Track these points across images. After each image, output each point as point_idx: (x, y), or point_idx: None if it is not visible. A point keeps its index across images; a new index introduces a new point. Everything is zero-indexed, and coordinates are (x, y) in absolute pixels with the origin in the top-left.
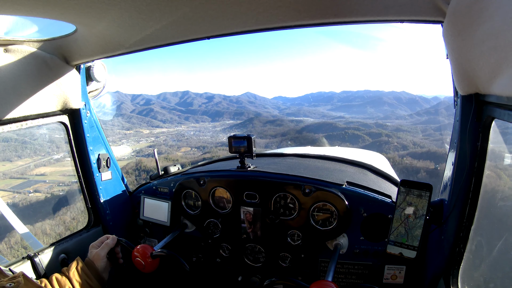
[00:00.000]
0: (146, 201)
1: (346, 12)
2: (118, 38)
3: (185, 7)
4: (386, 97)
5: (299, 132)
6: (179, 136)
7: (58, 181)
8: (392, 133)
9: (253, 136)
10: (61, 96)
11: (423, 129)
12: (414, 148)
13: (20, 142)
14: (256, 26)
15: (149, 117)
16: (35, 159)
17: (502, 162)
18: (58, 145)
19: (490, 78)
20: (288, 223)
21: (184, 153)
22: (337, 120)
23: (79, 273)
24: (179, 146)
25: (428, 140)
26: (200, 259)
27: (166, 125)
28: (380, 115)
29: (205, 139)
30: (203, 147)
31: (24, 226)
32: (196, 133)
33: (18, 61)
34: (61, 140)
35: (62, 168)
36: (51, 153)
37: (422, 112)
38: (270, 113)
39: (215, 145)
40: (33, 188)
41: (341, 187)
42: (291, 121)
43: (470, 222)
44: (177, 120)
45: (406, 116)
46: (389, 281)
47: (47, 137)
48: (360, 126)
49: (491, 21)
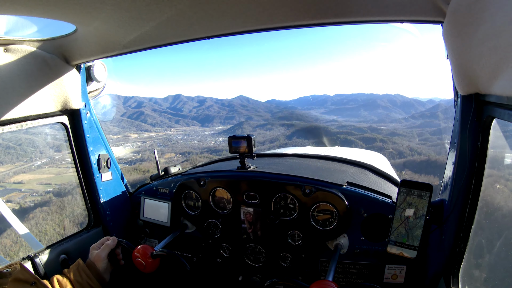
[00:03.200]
0: (146, 201)
1: (346, 12)
2: (118, 38)
3: (185, 7)
4: (381, 100)
5: (289, 137)
6: (166, 141)
7: (33, 190)
8: (387, 137)
9: (253, 136)
10: (61, 96)
11: (419, 133)
12: (412, 156)
13: (4, 147)
14: (256, 26)
15: (139, 121)
16: (16, 165)
17: (503, 162)
18: (42, 151)
19: (490, 78)
20: (289, 223)
21: (167, 159)
22: (330, 124)
23: (80, 274)
24: (163, 152)
25: (425, 145)
26: (201, 259)
27: (156, 129)
28: (374, 118)
29: (192, 143)
30: (188, 153)
31: (24, 226)
32: (185, 137)
33: (18, 61)
34: (45, 146)
35: (42, 175)
36: (33, 159)
37: (418, 115)
38: (262, 117)
39: (200, 151)
40: (6, 198)
41: (342, 187)
42: (282, 125)
43: (470, 222)
44: (167, 124)
45: (401, 119)
46: (389, 280)
47: (32, 142)
48: (353, 130)
49: (491, 21)
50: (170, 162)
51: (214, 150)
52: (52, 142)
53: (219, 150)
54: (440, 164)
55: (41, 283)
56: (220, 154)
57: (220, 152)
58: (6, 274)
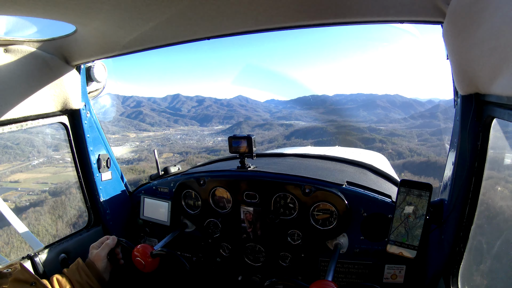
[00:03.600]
0: (146, 201)
1: (346, 12)
2: (118, 39)
3: (185, 8)
4: (380, 100)
5: (288, 137)
6: (164, 140)
7: (29, 189)
8: (386, 138)
9: (253, 136)
10: (61, 97)
11: (419, 133)
12: (411, 156)
13: (1, 146)
14: (256, 26)
15: (138, 120)
16: (14, 164)
17: (503, 162)
18: (40, 150)
19: (490, 78)
20: (288, 222)
21: (165, 159)
22: (329, 124)
23: (80, 273)
24: (161, 152)
25: (425, 146)
26: (200, 259)
27: (154, 128)
28: (374, 118)
29: (191, 143)
30: (186, 153)
31: (24, 225)
32: (183, 136)
33: (18, 61)
34: (43, 145)
35: (39, 174)
36: (31, 158)
37: (417, 116)
38: (260, 116)
39: (198, 151)
40: (3, 196)
41: (341, 187)
42: (280, 125)
43: (470, 221)
44: (166, 123)
45: (400, 119)
46: (389, 280)
47: (30, 141)
48: (352, 130)
49: (491, 21)
50: (168, 162)
51: (212, 150)
52: (50, 142)
53: (217, 150)
54: (440, 165)
55: (41, 283)
56: (218, 154)
57: (218, 152)
58: (6, 274)
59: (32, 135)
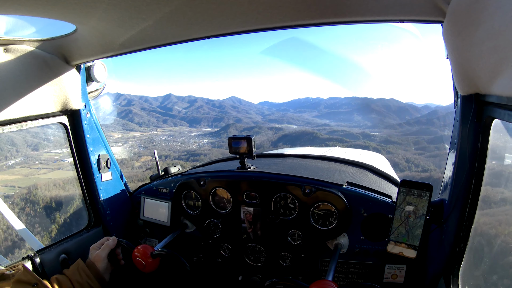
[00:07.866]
0: (146, 201)
1: (346, 12)
2: (118, 38)
3: (185, 7)
4: (375, 104)
5: (274, 144)
6: (147, 142)
7: None
8: (381, 145)
9: (253, 136)
10: (61, 97)
11: (415, 141)
12: (409, 170)
13: None
14: (256, 26)
15: (126, 120)
16: None
17: (503, 162)
18: (19, 149)
19: (490, 78)
20: (289, 223)
21: (142, 163)
22: (320, 129)
23: (80, 274)
24: (140, 155)
25: (423, 156)
26: (201, 259)
27: (142, 128)
28: (368, 123)
29: (174, 145)
30: (166, 156)
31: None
32: (169, 138)
33: (18, 61)
34: (23, 144)
35: (11, 176)
36: (8, 158)
37: (413, 122)
38: (252, 119)
39: (178, 155)
40: None
41: (341, 187)
42: (270, 128)
43: (470, 221)
44: (155, 123)
45: (396, 125)
46: (389, 280)
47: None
48: (344, 136)
49: (491, 21)
50: (144, 167)
51: (193, 154)
52: (31, 140)
53: (198, 154)
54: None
55: (43, 284)
56: (198, 159)
57: (198, 156)
58: (9, 276)
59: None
